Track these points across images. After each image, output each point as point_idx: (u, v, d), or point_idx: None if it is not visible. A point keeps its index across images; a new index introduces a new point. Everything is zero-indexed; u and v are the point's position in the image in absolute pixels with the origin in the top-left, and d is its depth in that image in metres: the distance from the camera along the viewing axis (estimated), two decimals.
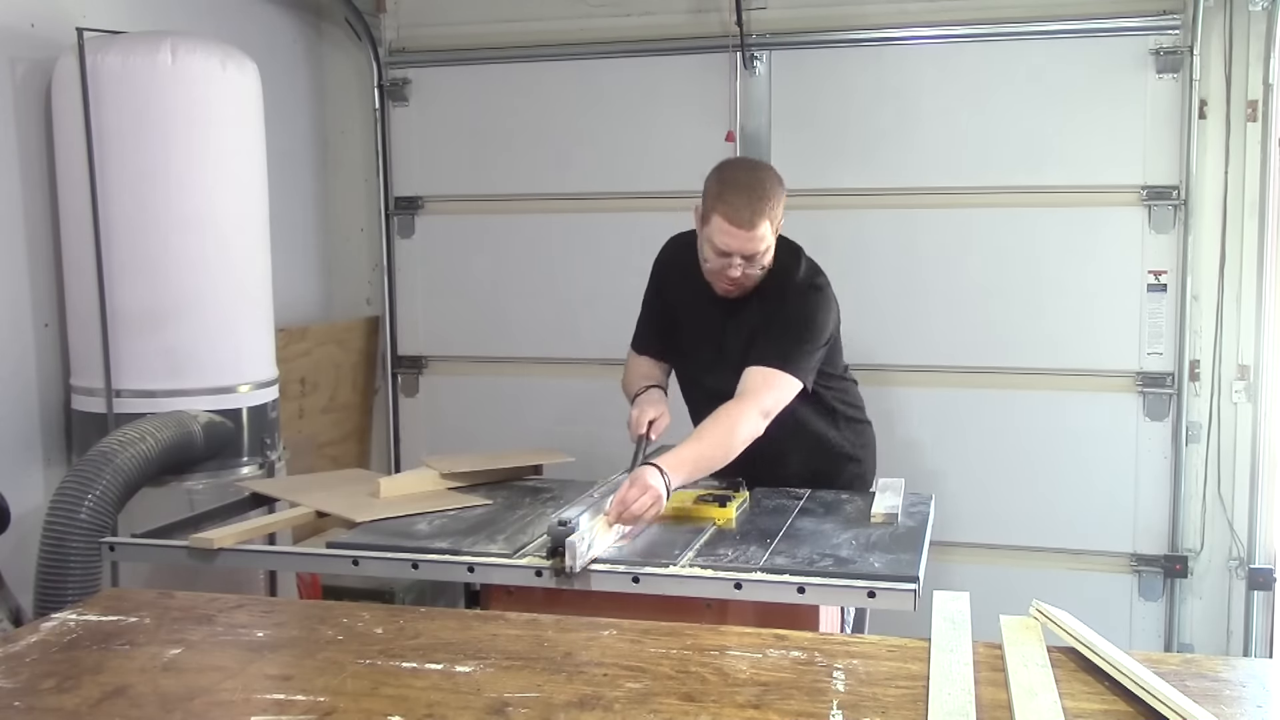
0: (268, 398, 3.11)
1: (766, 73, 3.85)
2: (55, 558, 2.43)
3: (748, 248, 2.37)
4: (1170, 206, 3.59)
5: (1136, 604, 3.72)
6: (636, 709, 1.36)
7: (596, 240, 4.00)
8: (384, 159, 4.21)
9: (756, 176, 2.44)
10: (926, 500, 2.47)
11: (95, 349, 2.86)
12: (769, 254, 2.43)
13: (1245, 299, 3.57)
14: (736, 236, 2.36)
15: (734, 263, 2.40)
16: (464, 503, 2.47)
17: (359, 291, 4.35)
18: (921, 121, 3.74)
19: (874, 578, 1.94)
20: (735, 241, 2.37)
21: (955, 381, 3.78)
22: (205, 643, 1.61)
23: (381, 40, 4.17)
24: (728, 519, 2.27)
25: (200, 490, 2.88)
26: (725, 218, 2.36)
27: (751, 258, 2.40)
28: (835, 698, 1.39)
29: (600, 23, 3.97)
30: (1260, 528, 3.59)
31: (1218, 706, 1.35)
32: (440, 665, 1.50)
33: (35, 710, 1.38)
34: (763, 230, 2.36)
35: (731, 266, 2.40)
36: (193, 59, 2.84)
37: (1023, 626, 1.61)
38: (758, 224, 2.35)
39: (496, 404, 4.16)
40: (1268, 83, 3.48)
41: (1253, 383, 3.59)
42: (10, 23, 2.88)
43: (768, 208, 2.37)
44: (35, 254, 2.96)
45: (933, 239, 3.75)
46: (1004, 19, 3.66)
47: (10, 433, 2.88)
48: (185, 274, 2.89)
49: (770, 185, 2.42)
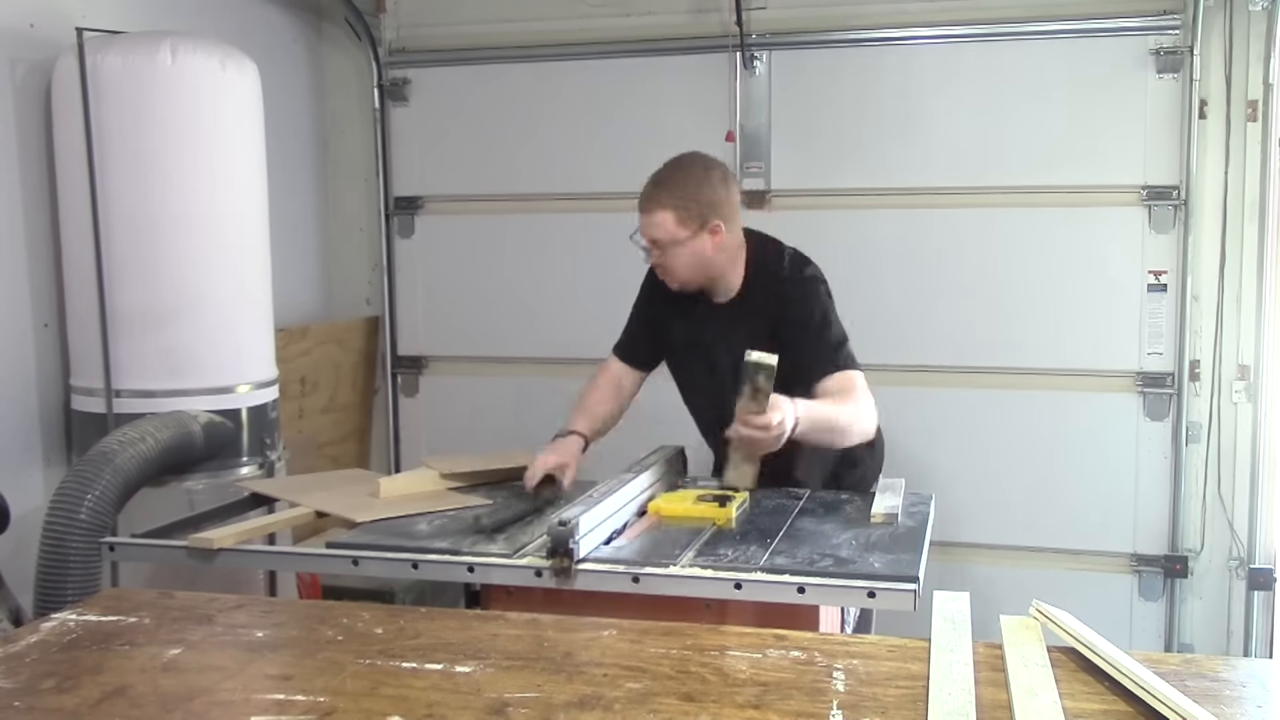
0: (268, 398, 3.11)
1: (766, 73, 3.86)
2: (55, 558, 2.42)
3: (648, 233, 2.43)
4: (1170, 206, 3.59)
5: (1136, 604, 3.72)
6: (636, 709, 1.35)
7: (596, 240, 4.00)
8: (384, 159, 4.21)
9: (677, 168, 2.47)
10: (926, 500, 2.46)
11: (95, 349, 2.86)
12: (681, 250, 2.43)
13: (1245, 299, 3.58)
14: (641, 221, 2.44)
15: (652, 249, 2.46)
16: (464, 503, 2.47)
17: (359, 291, 4.35)
18: (921, 122, 3.74)
19: (874, 578, 1.93)
20: (642, 226, 2.44)
21: (955, 381, 3.78)
22: (205, 643, 1.61)
23: (381, 40, 4.17)
24: (728, 519, 2.27)
25: (200, 490, 2.87)
26: (639, 201, 2.45)
27: (655, 243, 2.43)
28: (835, 698, 1.39)
29: (600, 23, 3.97)
30: (1260, 528, 3.59)
31: (1218, 706, 1.35)
32: (440, 665, 1.50)
33: (35, 710, 1.38)
34: (660, 218, 2.40)
35: (651, 253, 2.47)
36: (192, 59, 2.84)
37: (1023, 626, 1.61)
38: (653, 210, 2.41)
39: (496, 404, 4.16)
40: (1268, 83, 3.48)
41: (1253, 383, 3.59)
42: (10, 23, 2.89)
43: (672, 196, 2.40)
44: (35, 254, 2.96)
45: (932, 239, 3.75)
46: (1004, 19, 3.66)
47: (10, 433, 2.88)
48: (185, 274, 2.89)
49: (688, 179, 2.43)
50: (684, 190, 2.42)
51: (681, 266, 2.47)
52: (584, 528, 2.00)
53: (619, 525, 2.20)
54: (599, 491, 2.22)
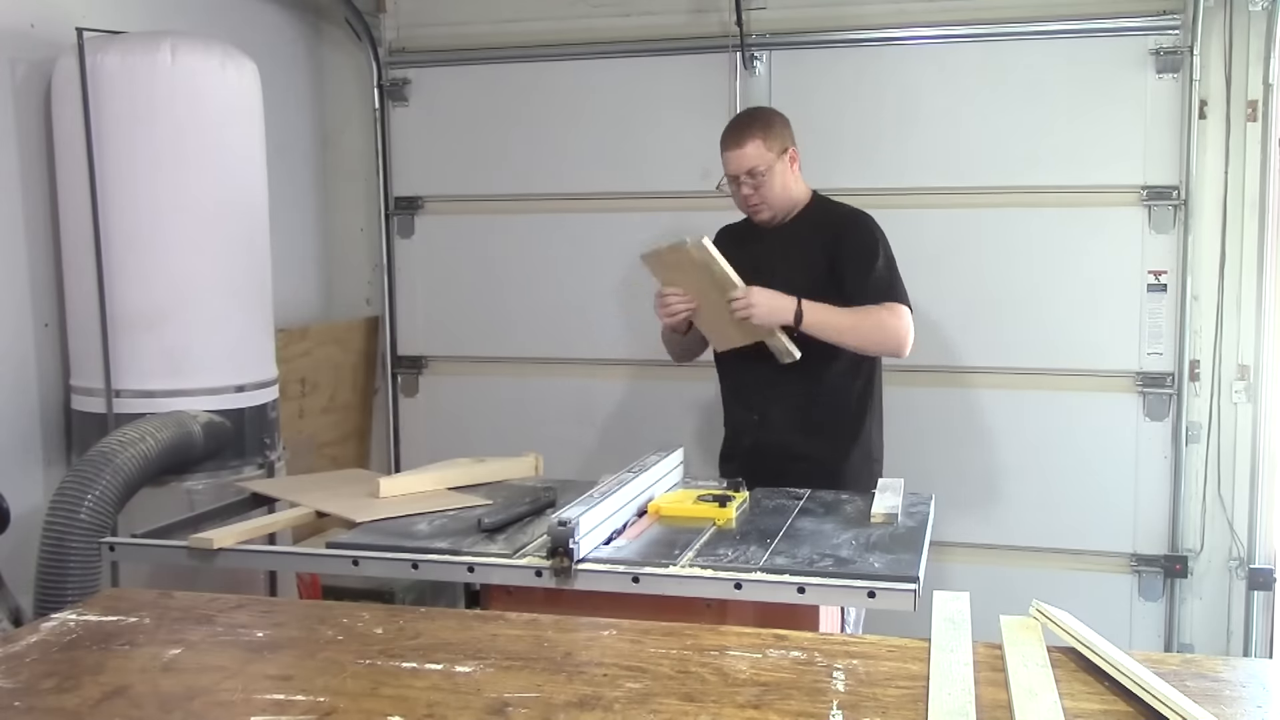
0: (268, 398, 3.11)
1: (766, 73, 3.85)
2: (55, 558, 2.43)
3: (742, 164, 2.71)
4: (1170, 206, 3.59)
5: (1136, 604, 3.72)
6: (636, 709, 1.35)
7: (596, 240, 4.00)
8: (384, 159, 4.21)
9: (747, 112, 2.92)
10: (926, 500, 2.46)
11: (95, 349, 2.86)
12: (773, 174, 2.71)
13: (1245, 299, 3.57)
14: (730, 158, 2.73)
15: (740, 182, 2.73)
16: (464, 503, 2.47)
17: (359, 291, 4.35)
18: (922, 121, 3.74)
19: (874, 578, 1.93)
20: (730, 163, 2.73)
21: (956, 381, 3.78)
22: (205, 643, 1.61)
23: (381, 40, 4.17)
24: (728, 519, 2.27)
25: (200, 490, 2.87)
26: (722, 147, 2.75)
27: (751, 173, 2.71)
28: (835, 698, 1.39)
29: (600, 23, 3.97)
30: (1260, 528, 3.59)
31: (1218, 706, 1.35)
32: (440, 665, 1.50)
33: (35, 710, 1.38)
34: (751, 148, 2.70)
35: (741, 187, 2.73)
36: (192, 59, 2.84)
37: (1023, 626, 1.61)
38: (744, 142, 2.71)
39: (496, 404, 4.16)
40: (1268, 83, 3.48)
41: (1253, 383, 3.59)
42: (10, 23, 2.89)
43: (754, 129, 2.72)
44: (35, 254, 2.96)
45: (932, 239, 3.75)
46: (1004, 19, 3.66)
47: (10, 433, 2.88)
48: (185, 274, 2.89)
49: (761, 115, 2.80)
50: (761, 123, 2.74)
51: (776, 192, 2.74)
52: (584, 528, 2.00)
53: (619, 525, 2.20)
54: (599, 491, 2.22)
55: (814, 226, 2.78)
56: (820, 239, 2.75)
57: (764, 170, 2.69)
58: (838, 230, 2.75)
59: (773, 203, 2.75)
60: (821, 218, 2.80)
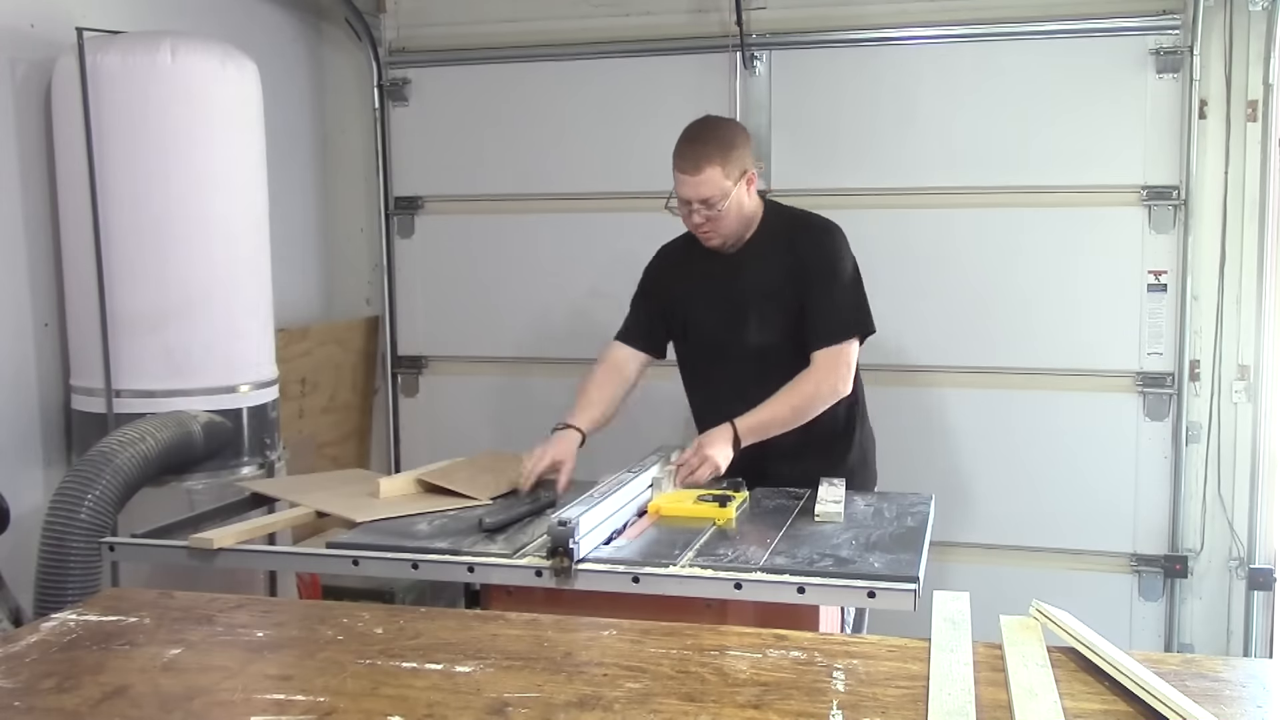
0: (268, 398, 3.11)
1: (766, 73, 3.85)
2: (55, 558, 2.42)
3: (698, 192, 2.47)
4: (1170, 206, 3.59)
5: (1136, 604, 3.72)
6: (636, 709, 1.36)
7: (596, 240, 4.00)
8: (384, 159, 4.21)
9: (705, 127, 2.55)
10: (926, 500, 2.47)
11: (95, 349, 2.86)
12: (729, 200, 2.49)
13: (1245, 299, 3.57)
14: (685, 183, 2.49)
15: (692, 209, 2.50)
16: (464, 503, 2.47)
17: (359, 291, 4.35)
18: (921, 121, 3.74)
19: (874, 578, 1.94)
20: (685, 188, 2.49)
21: (955, 382, 3.78)
22: (205, 643, 1.61)
23: (381, 40, 4.17)
24: (728, 519, 2.27)
25: (200, 490, 2.87)
26: (676, 167, 2.51)
27: (706, 201, 2.48)
28: (835, 698, 1.39)
29: (600, 23, 3.97)
30: (1260, 528, 3.59)
31: (1218, 706, 1.35)
32: (440, 665, 1.50)
33: (35, 710, 1.38)
34: (708, 175, 2.46)
35: (692, 213, 2.51)
36: (192, 59, 2.84)
37: (1023, 626, 1.61)
38: (701, 168, 2.46)
39: (496, 404, 4.16)
40: (1268, 83, 3.48)
41: (1253, 383, 3.59)
42: (10, 23, 2.88)
43: (711, 154, 2.47)
44: (35, 254, 2.96)
45: (933, 239, 3.75)
46: (1003, 19, 3.66)
47: (10, 433, 2.88)
48: (185, 274, 2.89)
49: (720, 136, 2.52)
50: (719, 146, 2.49)
51: (731, 219, 2.53)
52: (584, 528, 2.01)
53: (619, 525, 2.20)
54: (599, 491, 2.22)
55: (772, 236, 2.61)
56: (778, 251, 2.58)
57: (719, 200, 2.48)
58: (796, 241, 2.58)
59: (726, 232, 2.55)
60: (779, 226, 2.62)
